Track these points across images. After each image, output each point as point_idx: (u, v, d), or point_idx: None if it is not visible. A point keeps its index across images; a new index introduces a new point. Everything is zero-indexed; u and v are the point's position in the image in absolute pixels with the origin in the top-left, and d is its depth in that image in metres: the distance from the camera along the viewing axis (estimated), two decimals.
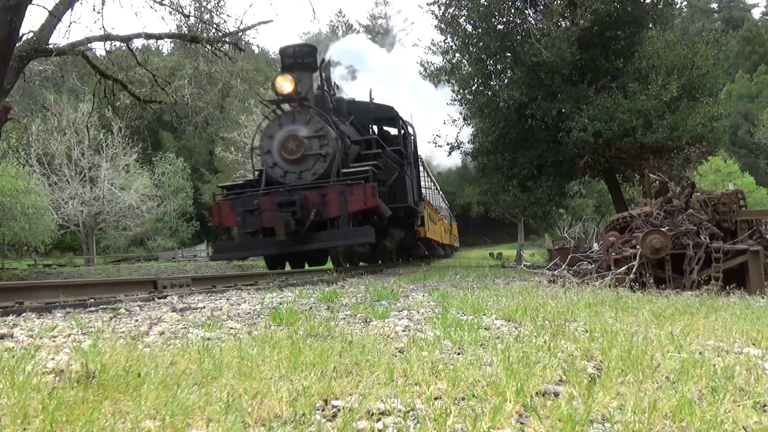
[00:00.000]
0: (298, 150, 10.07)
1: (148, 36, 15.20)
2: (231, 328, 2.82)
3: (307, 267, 12.09)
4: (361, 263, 13.54)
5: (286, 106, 10.91)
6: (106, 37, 14.08)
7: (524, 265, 11.70)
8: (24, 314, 3.35)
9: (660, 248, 5.69)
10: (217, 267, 22.22)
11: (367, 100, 13.61)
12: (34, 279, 17.35)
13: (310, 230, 9.43)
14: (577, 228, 37.09)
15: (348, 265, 10.86)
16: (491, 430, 1.31)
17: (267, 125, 10.77)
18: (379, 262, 15.08)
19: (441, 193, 32.46)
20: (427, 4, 13.01)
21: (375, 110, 13.49)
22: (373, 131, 13.48)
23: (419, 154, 18.58)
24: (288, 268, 11.81)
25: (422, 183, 21.38)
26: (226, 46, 14.68)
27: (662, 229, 5.91)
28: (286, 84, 10.12)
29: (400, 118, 14.22)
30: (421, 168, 19.76)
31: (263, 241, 9.76)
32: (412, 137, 15.70)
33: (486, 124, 13.99)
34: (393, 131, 14.74)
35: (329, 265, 11.70)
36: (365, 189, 9.48)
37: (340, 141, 10.65)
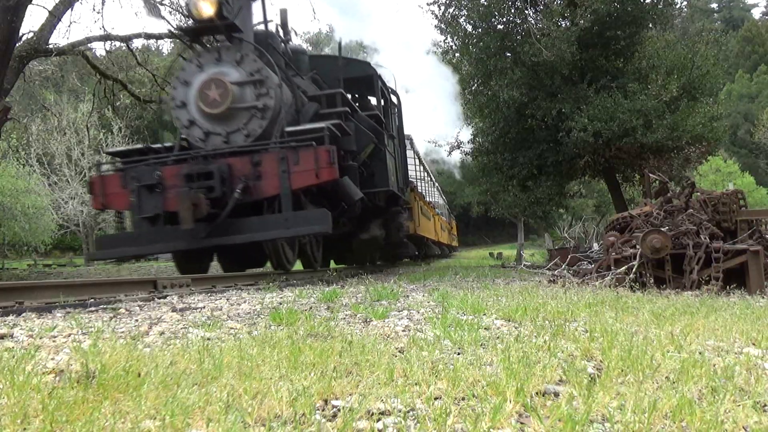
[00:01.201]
0: (222, 100, 7.02)
1: (148, 36, 15.23)
2: (231, 328, 2.82)
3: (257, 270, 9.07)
4: (322, 266, 9.83)
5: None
6: (106, 37, 14.09)
7: (524, 265, 11.71)
8: (24, 314, 3.35)
9: (660, 248, 5.69)
10: (217, 266, 22.08)
11: (336, 55, 10.47)
12: (34, 279, 17.35)
13: (236, 215, 6.71)
14: (577, 228, 37.19)
15: (291, 268, 8.03)
16: (491, 429, 1.31)
17: (181, 68, 7.67)
18: (356, 265, 12.05)
19: (438, 187, 30.50)
20: (427, 4, 13.02)
21: (346, 68, 10.23)
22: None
23: (408, 134, 15.91)
24: (220, 270, 8.89)
25: (414, 172, 18.65)
26: None
27: (662, 229, 5.91)
28: (204, 4, 7.08)
29: (380, 77, 10.99)
30: (410, 151, 16.77)
31: (167, 231, 6.85)
32: (397, 108, 12.48)
33: (486, 124, 14.00)
34: (372, 101, 11.53)
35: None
36: (318, 155, 6.68)
37: (289, 91, 7.88)
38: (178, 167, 6.94)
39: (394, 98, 12.36)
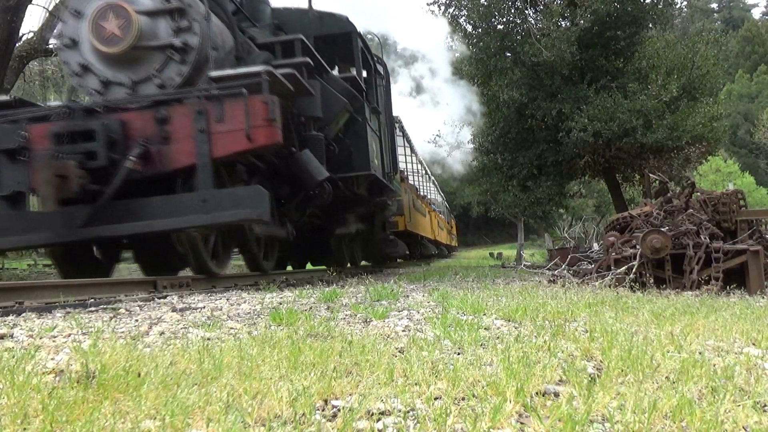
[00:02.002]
0: (123, 35, 5.19)
1: None
2: (231, 328, 2.82)
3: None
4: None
5: None
6: None
7: (524, 265, 11.71)
8: (24, 314, 3.35)
9: (660, 248, 5.69)
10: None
11: (306, 8, 8.34)
12: (34, 279, 17.35)
13: (128, 194, 4.94)
14: (577, 228, 37.22)
15: (219, 273, 6.03)
16: (491, 430, 1.31)
17: None
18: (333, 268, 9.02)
19: (435, 182, 29.00)
20: (427, 4, 13.04)
21: (317, 23, 8.13)
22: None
23: (397, 116, 14.05)
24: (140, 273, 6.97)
25: (407, 165, 17.21)
26: None
27: (662, 229, 5.91)
28: None
29: (360, 36, 8.77)
30: (400, 138, 15.09)
31: (31, 218, 5.05)
32: (384, 81, 10.44)
33: (486, 124, 14.03)
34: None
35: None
36: (251, 107, 4.89)
37: (228, 32, 6.07)
38: (51, 125, 5.02)
39: (380, 69, 10.19)
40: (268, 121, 4.92)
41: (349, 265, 11.20)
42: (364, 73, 8.98)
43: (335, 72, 8.84)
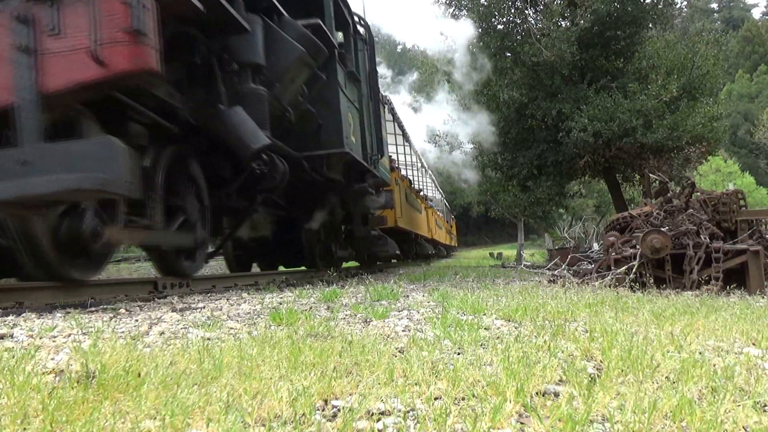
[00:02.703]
0: None
1: None
2: (231, 328, 2.82)
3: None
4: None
5: None
6: None
7: (524, 265, 11.71)
8: (24, 314, 3.34)
9: (660, 248, 5.70)
10: (217, 267, 21.97)
11: None
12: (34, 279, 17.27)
13: None
14: (577, 228, 37.23)
15: (84, 278, 4.19)
16: (491, 430, 1.31)
17: None
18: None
19: (432, 177, 27.72)
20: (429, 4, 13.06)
21: None
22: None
23: (386, 95, 12.62)
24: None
25: (398, 154, 16.07)
26: None
27: (662, 229, 5.91)
28: None
29: None
30: (390, 120, 13.50)
31: None
32: (367, 45, 8.63)
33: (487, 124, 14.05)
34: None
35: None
36: (104, 9, 3.10)
37: None
38: None
39: (362, 30, 8.47)
40: (130, 34, 3.16)
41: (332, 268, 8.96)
42: (340, 36, 7.27)
43: None
